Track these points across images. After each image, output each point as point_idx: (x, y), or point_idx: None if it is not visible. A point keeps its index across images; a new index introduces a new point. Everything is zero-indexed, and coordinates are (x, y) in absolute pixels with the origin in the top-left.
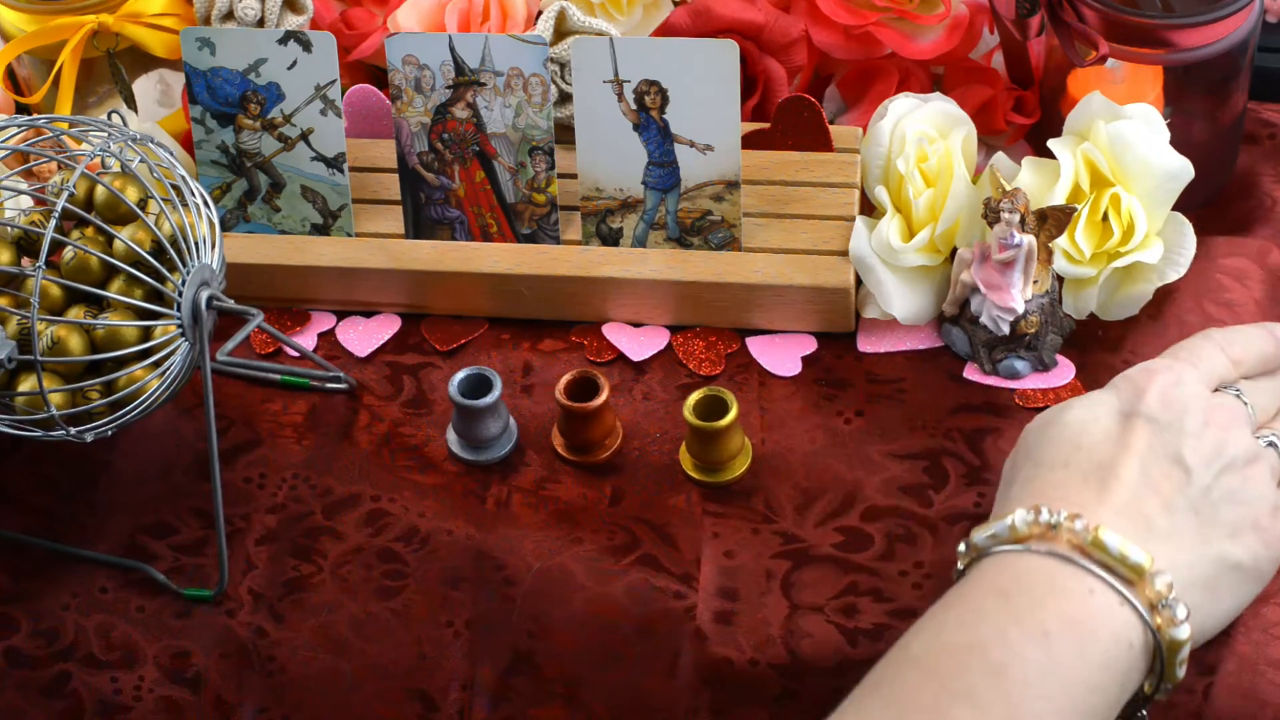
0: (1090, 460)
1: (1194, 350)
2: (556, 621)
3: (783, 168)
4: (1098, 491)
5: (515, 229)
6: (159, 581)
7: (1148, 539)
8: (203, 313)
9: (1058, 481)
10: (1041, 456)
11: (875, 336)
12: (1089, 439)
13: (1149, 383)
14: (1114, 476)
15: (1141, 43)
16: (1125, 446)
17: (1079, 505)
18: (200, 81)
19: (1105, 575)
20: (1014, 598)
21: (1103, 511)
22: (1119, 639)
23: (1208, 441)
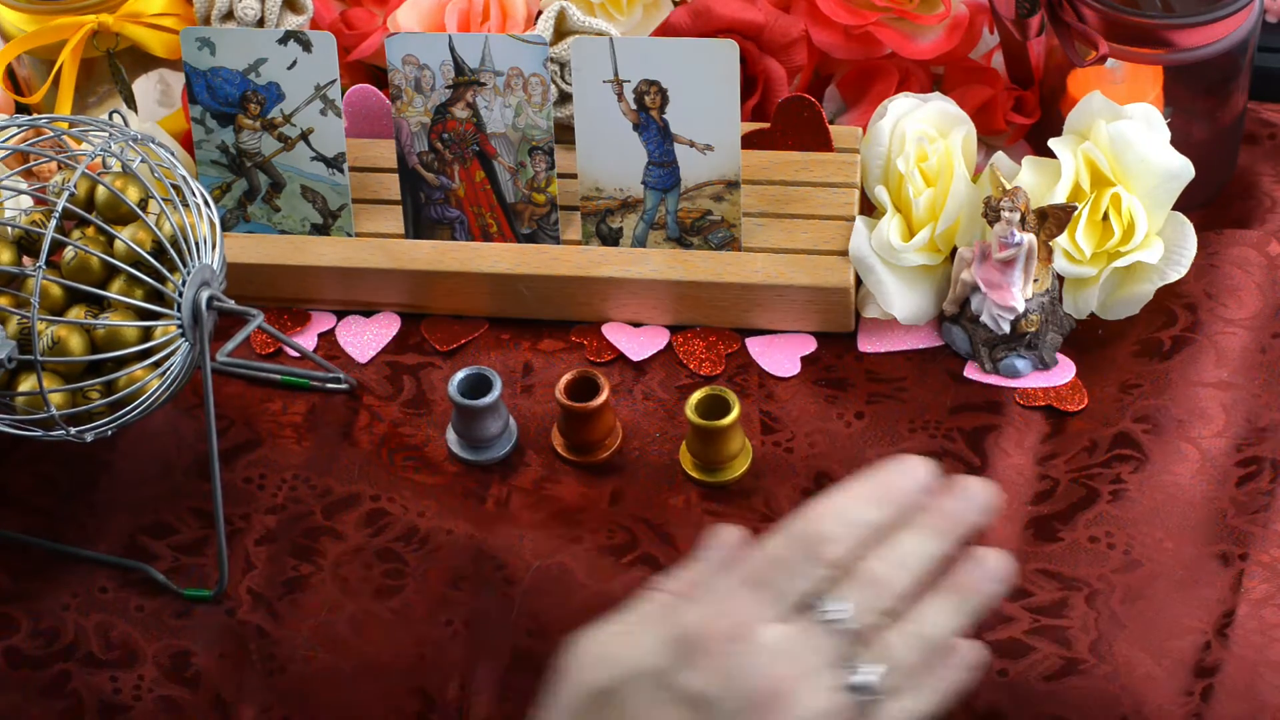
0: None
1: (779, 563)
2: (556, 621)
3: (783, 168)
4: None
5: (515, 229)
6: (159, 581)
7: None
8: (203, 313)
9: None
10: (575, 702)
11: (875, 336)
12: (619, 702)
13: (705, 643)
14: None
15: (1141, 43)
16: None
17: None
18: (200, 81)
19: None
20: None
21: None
22: None
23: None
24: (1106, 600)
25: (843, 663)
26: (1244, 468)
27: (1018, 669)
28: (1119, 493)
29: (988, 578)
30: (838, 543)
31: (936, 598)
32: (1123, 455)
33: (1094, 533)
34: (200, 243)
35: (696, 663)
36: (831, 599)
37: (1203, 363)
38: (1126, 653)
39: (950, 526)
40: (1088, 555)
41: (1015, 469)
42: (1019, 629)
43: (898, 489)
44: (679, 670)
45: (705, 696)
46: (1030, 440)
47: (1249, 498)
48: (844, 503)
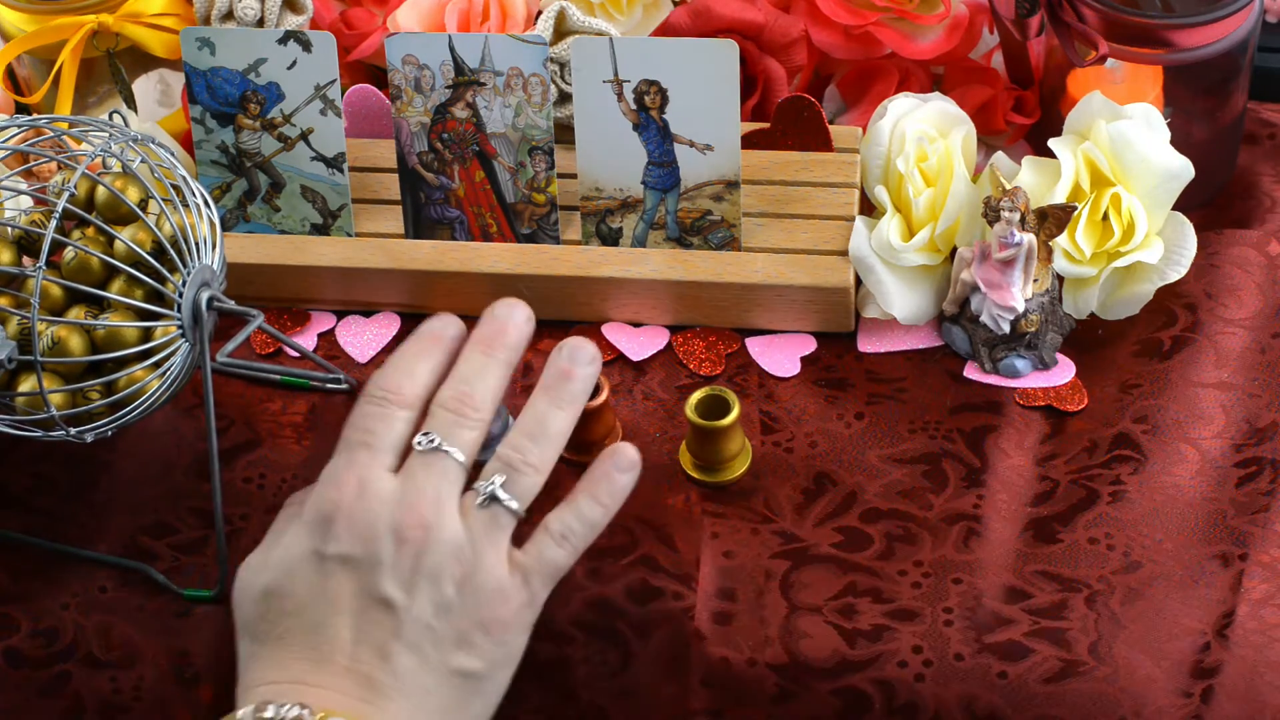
0: (301, 626)
1: (365, 427)
2: (556, 622)
3: (783, 168)
4: (316, 663)
5: (515, 229)
6: (159, 582)
7: (373, 696)
8: (203, 313)
9: (277, 659)
10: (255, 630)
11: (875, 336)
12: (293, 601)
13: (335, 512)
14: (328, 641)
15: (1141, 43)
16: (330, 603)
17: (302, 683)
18: (200, 81)
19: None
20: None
21: (325, 685)
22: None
23: (406, 561)
24: (1106, 601)
25: (464, 487)
26: (1244, 468)
27: (1017, 671)
28: (1119, 494)
29: (572, 360)
30: (404, 389)
31: (536, 398)
32: (1122, 456)
33: (1094, 534)
34: (200, 243)
35: (337, 531)
36: (421, 435)
37: (1203, 363)
38: (1126, 654)
39: (494, 346)
40: (1087, 556)
41: (1015, 469)
42: (1018, 631)
43: (441, 335)
44: (325, 544)
45: (354, 555)
46: (1030, 440)
47: (1249, 498)
48: (400, 357)
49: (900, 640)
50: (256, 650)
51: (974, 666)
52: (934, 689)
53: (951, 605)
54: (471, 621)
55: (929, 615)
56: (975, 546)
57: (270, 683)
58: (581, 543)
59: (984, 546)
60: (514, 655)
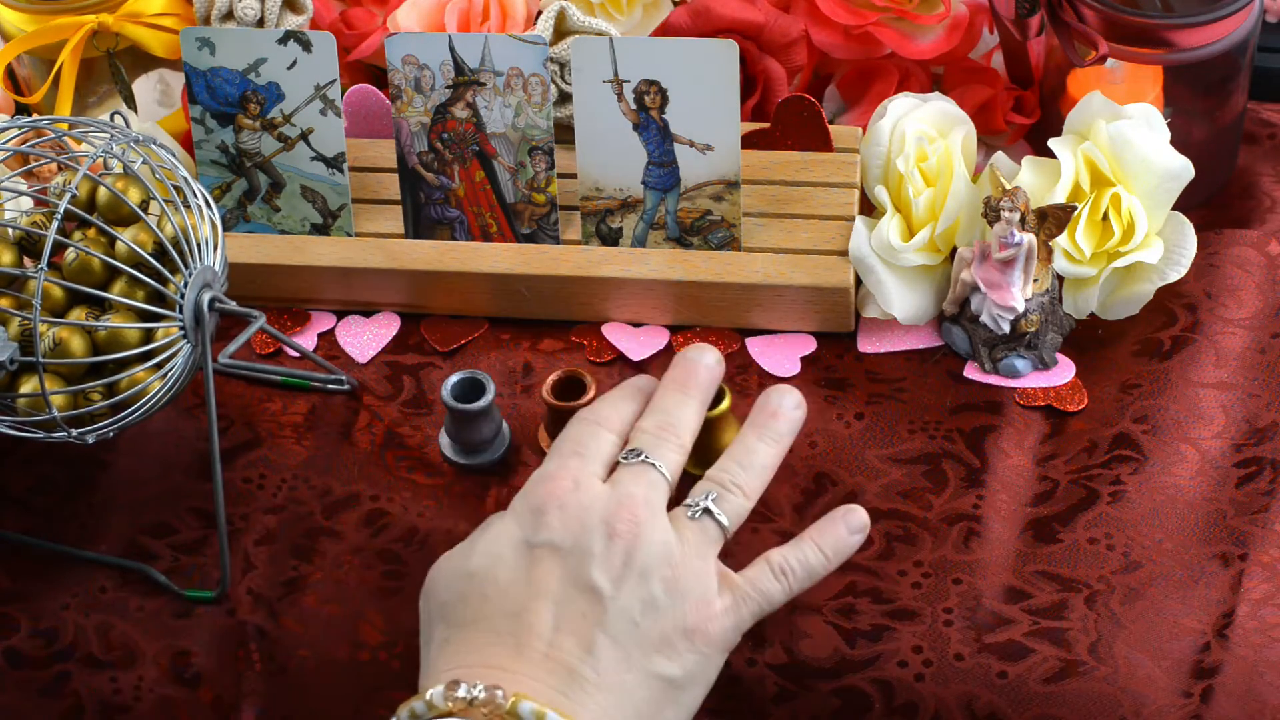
0: (501, 611)
1: (576, 440)
2: None
3: (783, 168)
4: (514, 650)
5: (515, 229)
6: (159, 582)
7: (571, 689)
8: (205, 314)
9: (473, 644)
10: (452, 615)
11: (875, 336)
12: (495, 587)
13: (546, 502)
14: (527, 628)
15: (1141, 43)
16: (534, 589)
17: (498, 668)
18: (200, 81)
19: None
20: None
21: (522, 672)
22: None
23: (617, 556)
24: (1106, 601)
25: (666, 492)
26: (1243, 468)
27: (1017, 671)
28: (1119, 494)
29: (781, 406)
30: (611, 418)
31: (746, 433)
32: (1122, 456)
33: (1094, 534)
34: (202, 244)
35: (548, 520)
36: (628, 451)
37: (1203, 363)
38: (1126, 654)
39: (688, 386)
40: (1087, 556)
41: (1015, 469)
42: (1018, 631)
43: (640, 387)
44: (536, 532)
45: (564, 544)
46: (1030, 440)
47: (1249, 498)
48: (603, 398)
49: (900, 640)
50: (450, 635)
51: (974, 666)
52: (934, 689)
53: (951, 605)
54: (676, 626)
55: (929, 615)
56: (975, 546)
57: (463, 666)
58: (797, 585)
59: (984, 546)
60: (711, 672)
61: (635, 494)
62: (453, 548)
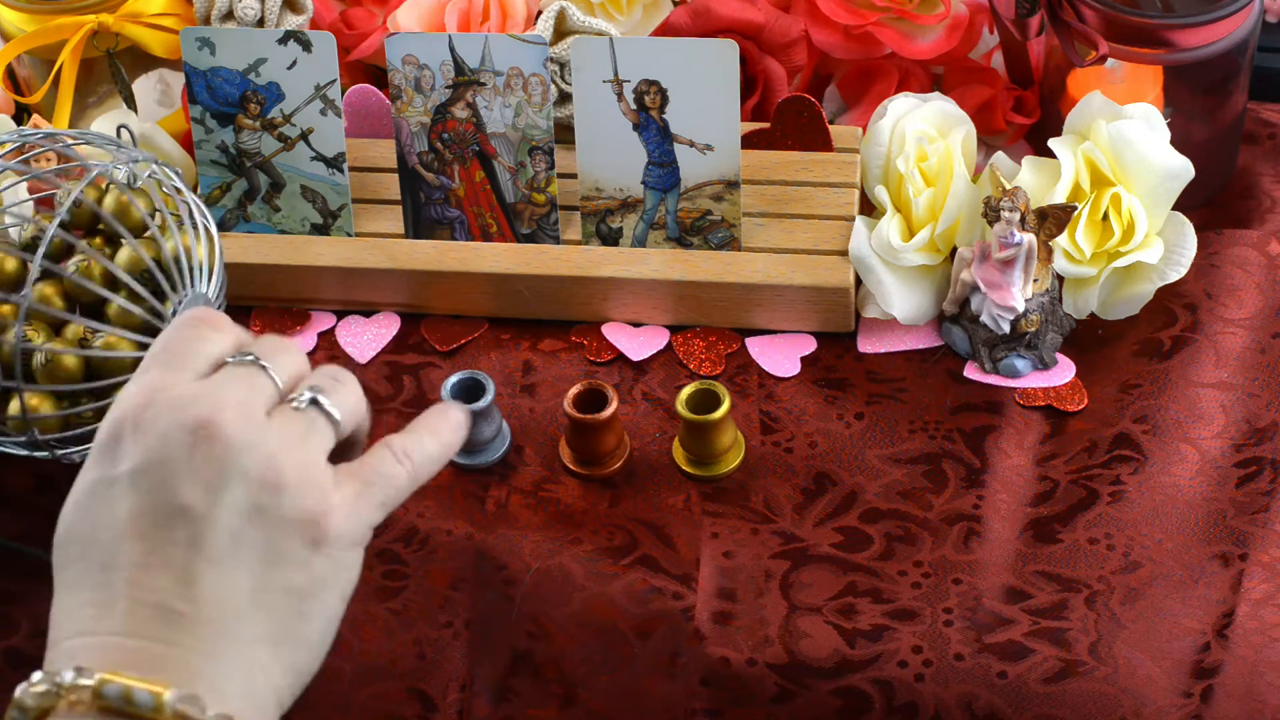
0: (90, 566)
1: (165, 346)
2: (556, 622)
3: (783, 168)
4: (106, 606)
5: (515, 229)
6: None
7: (169, 632)
8: None
9: (68, 609)
10: (57, 580)
11: (875, 336)
12: (80, 544)
13: (120, 429)
14: (118, 577)
15: (1141, 43)
16: (119, 530)
17: (88, 634)
18: (200, 81)
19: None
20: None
21: (112, 632)
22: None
23: (206, 463)
24: (1106, 602)
25: (271, 398)
26: (1243, 468)
27: (1017, 671)
28: (1119, 494)
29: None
30: (225, 326)
31: None
32: (1122, 456)
33: (1093, 534)
34: (195, 267)
35: (124, 447)
36: (237, 354)
37: (1203, 363)
38: (1126, 654)
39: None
40: (1087, 556)
41: (1015, 469)
42: (1018, 631)
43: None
44: (112, 465)
45: (144, 464)
46: (1030, 440)
47: (1249, 498)
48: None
49: (900, 640)
50: (54, 605)
51: (974, 666)
52: (934, 689)
53: (951, 605)
54: (287, 529)
55: (929, 615)
56: (975, 546)
57: (58, 640)
58: (421, 472)
59: (984, 546)
60: (343, 575)
61: (227, 395)
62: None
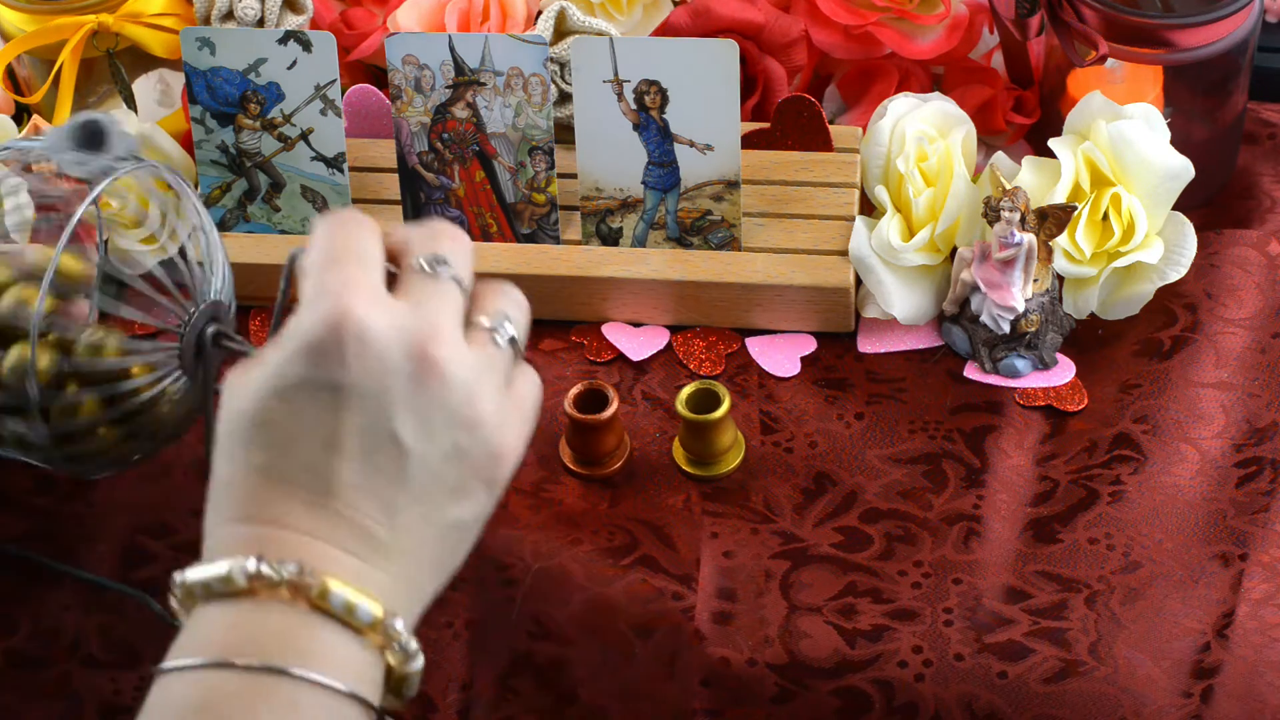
0: (298, 463)
1: (346, 244)
2: (556, 622)
3: (783, 168)
4: (312, 507)
5: (515, 229)
6: (158, 588)
7: (372, 555)
8: (207, 345)
9: (265, 496)
10: (241, 457)
11: (875, 336)
12: (285, 435)
13: (340, 336)
14: (326, 486)
15: (1141, 43)
16: (332, 440)
17: (295, 529)
18: (200, 81)
19: (337, 628)
20: (244, 667)
21: (323, 537)
22: (361, 678)
23: (423, 401)
24: (1106, 602)
25: (472, 316)
26: (1243, 468)
27: (1017, 671)
28: (1119, 494)
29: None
30: (367, 220)
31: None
32: (1122, 456)
33: (1093, 534)
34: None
35: (344, 357)
36: (422, 256)
37: (1203, 363)
38: (1126, 654)
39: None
40: (1087, 556)
41: (1015, 469)
42: (1018, 631)
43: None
44: (328, 370)
45: (363, 387)
46: (1030, 440)
47: (1249, 498)
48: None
49: (900, 640)
50: (237, 476)
51: (974, 666)
52: (934, 689)
53: (951, 605)
54: (476, 471)
55: (929, 615)
56: (975, 546)
57: (256, 520)
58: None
59: (984, 546)
60: (494, 505)
61: (440, 322)
62: (250, 362)
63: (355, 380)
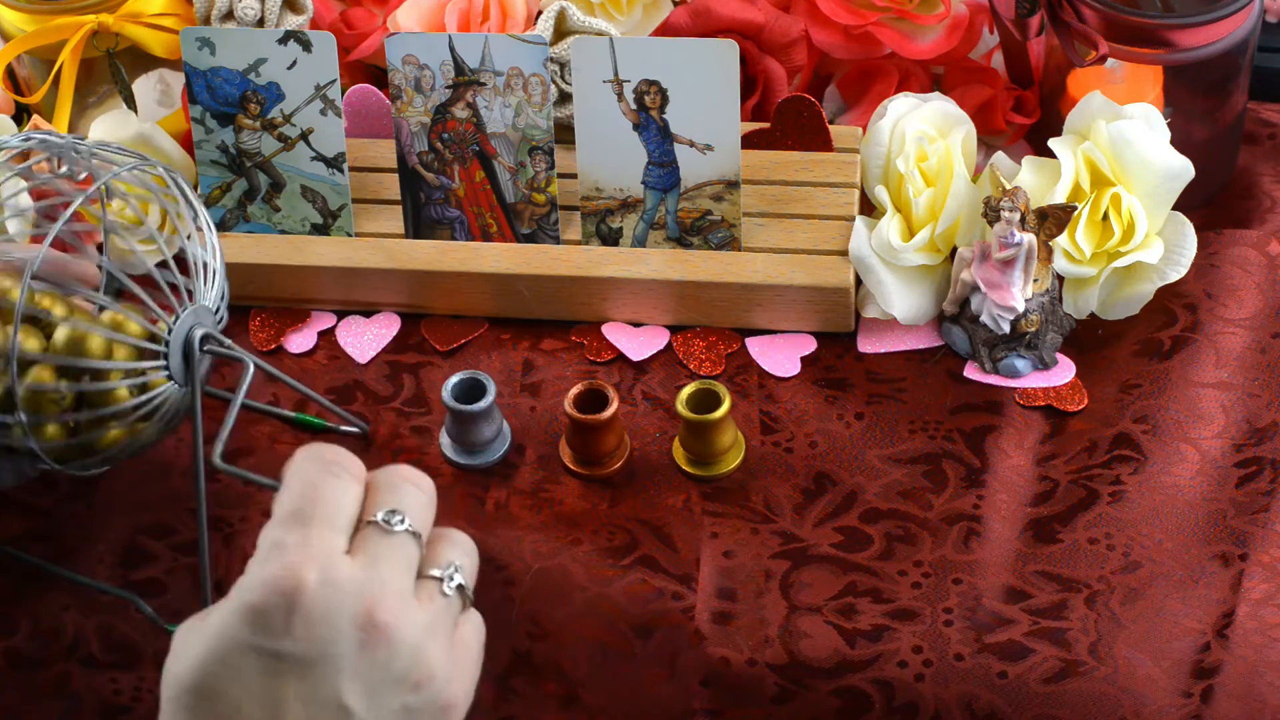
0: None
1: (321, 497)
2: (556, 622)
3: (783, 168)
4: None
5: (515, 229)
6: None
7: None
8: (195, 351)
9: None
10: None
11: (875, 336)
12: (230, 706)
13: (288, 601)
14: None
15: (1141, 43)
16: (278, 714)
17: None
18: (200, 81)
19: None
20: None
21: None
22: None
23: (370, 666)
24: (1106, 601)
25: (423, 569)
26: (1243, 468)
27: (1017, 671)
28: (1119, 494)
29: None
30: (352, 464)
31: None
32: (1122, 456)
33: (1093, 534)
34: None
35: (292, 626)
36: (387, 511)
37: (1203, 363)
38: (1126, 654)
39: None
40: (1087, 556)
41: (1015, 469)
42: (1018, 631)
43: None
44: (276, 639)
45: (309, 656)
46: (1030, 440)
47: (1249, 498)
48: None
49: (900, 640)
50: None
51: (974, 666)
52: (934, 689)
53: (951, 605)
54: (424, 708)
55: (929, 615)
56: (975, 546)
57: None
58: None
59: (984, 546)
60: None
61: (390, 584)
62: (192, 617)
63: (301, 649)
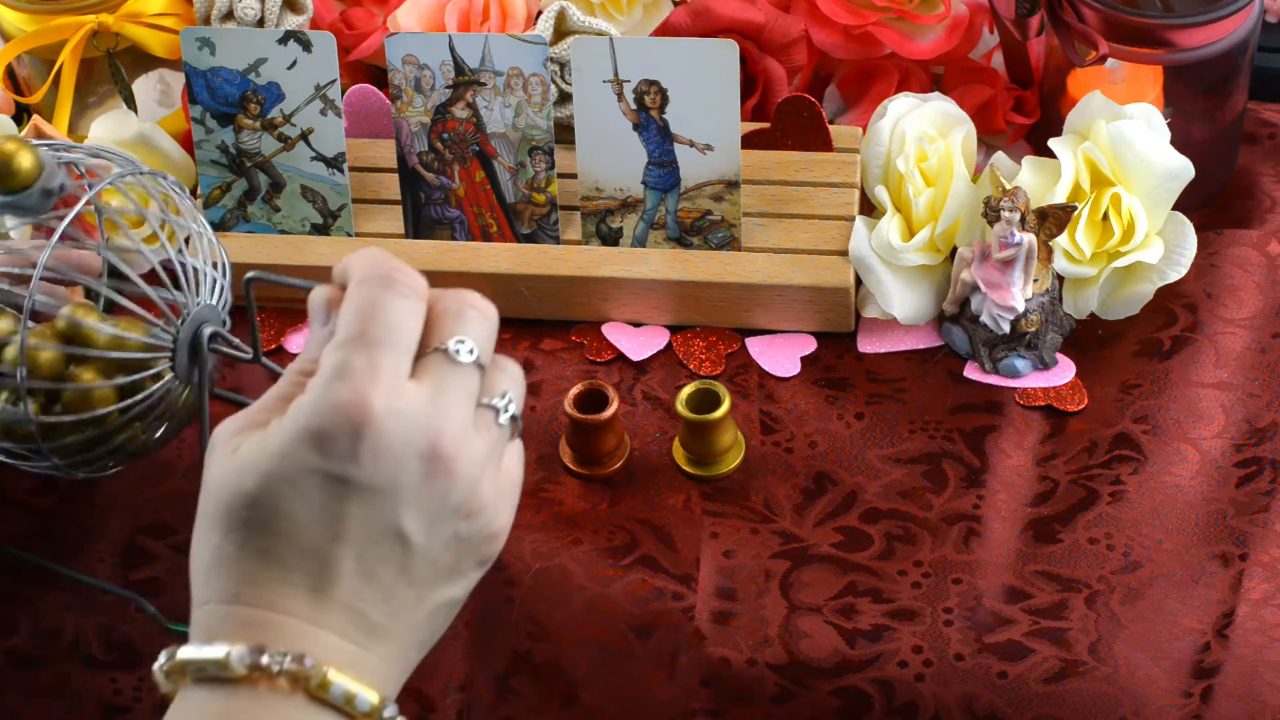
0: (296, 548)
1: (388, 320)
2: (556, 622)
3: (783, 168)
4: (311, 595)
5: (515, 229)
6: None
7: (370, 640)
8: (203, 347)
9: (262, 578)
10: (235, 533)
11: (875, 336)
12: (288, 521)
13: (354, 428)
14: (327, 573)
15: (1141, 43)
16: (336, 530)
17: (295, 616)
18: (200, 81)
19: (332, 716)
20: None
21: (322, 624)
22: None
23: (431, 496)
24: (1106, 601)
25: (479, 398)
26: (1243, 468)
27: (1017, 671)
28: (1119, 494)
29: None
30: (419, 285)
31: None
32: (1122, 456)
33: (1094, 534)
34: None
35: (358, 452)
36: (457, 341)
37: (1203, 363)
38: (1126, 654)
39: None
40: (1087, 556)
41: (1015, 469)
42: (1018, 631)
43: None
44: (340, 464)
45: (374, 483)
46: (1030, 440)
47: (1249, 498)
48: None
49: (900, 640)
50: (230, 554)
51: (974, 666)
52: (934, 689)
53: (951, 605)
54: (470, 551)
55: (929, 615)
56: (975, 546)
57: (252, 605)
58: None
59: (984, 546)
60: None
61: (454, 416)
62: (242, 425)
63: (366, 476)
